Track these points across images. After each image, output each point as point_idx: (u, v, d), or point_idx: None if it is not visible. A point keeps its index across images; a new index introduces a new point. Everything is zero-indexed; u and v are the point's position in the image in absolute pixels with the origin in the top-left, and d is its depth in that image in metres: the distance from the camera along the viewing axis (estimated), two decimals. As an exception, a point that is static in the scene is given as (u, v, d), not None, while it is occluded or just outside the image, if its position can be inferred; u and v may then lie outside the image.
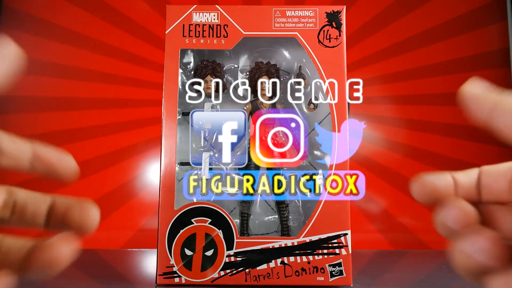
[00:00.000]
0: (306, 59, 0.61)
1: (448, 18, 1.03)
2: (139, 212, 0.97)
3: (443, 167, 0.32)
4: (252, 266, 0.55)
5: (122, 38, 1.02)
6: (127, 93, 1.01)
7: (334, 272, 0.55)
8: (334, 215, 0.55)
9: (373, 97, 1.01)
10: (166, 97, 0.58)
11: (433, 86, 1.01)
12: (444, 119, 1.00)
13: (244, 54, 0.63)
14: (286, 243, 0.55)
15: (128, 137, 0.99)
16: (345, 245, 0.55)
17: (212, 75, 0.61)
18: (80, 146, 0.98)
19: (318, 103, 0.61)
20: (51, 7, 1.01)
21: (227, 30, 0.59)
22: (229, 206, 0.60)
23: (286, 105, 0.63)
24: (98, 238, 0.94)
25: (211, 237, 0.55)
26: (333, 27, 0.59)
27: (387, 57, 1.02)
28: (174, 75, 0.58)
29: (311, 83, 0.62)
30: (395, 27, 1.03)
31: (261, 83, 0.61)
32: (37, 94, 0.99)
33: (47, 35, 1.00)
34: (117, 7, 1.03)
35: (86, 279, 0.61)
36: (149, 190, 0.98)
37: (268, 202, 0.62)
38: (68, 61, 1.00)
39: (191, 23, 0.59)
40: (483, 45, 1.02)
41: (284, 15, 0.59)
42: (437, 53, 1.02)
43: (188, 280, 0.54)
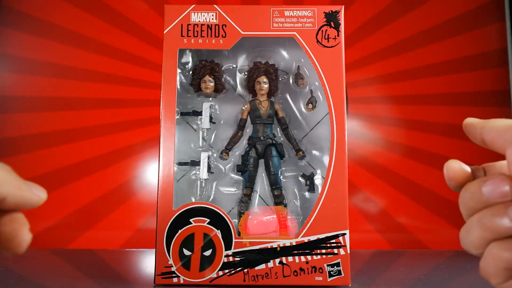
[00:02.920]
0: (304, 59, 0.61)
1: (446, 18, 1.03)
2: (138, 212, 0.96)
3: (442, 168, 0.33)
4: (250, 266, 0.55)
5: (120, 38, 1.02)
6: (125, 93, 1.01)
7: (333, 272, 0.55)
8: (333, 215, 0.55)
9: (371, 97, 1.01)
10: (164, 97, 0.58)
11: (431, 86, 1.01)
12: (442, 119, 1.00)
13: (243, 54, 0.63)
14: (284, 243, 0.55)
15: (126, 137, 0.99)
16: (343, 245, 0.55)
17: (211, 75, 0.61)
18: (78, 146, 0.98)
19: (316, 103, 0.61)
20: (50, 7, 1.01)
21: (226, 30, 0.59)
22: (228, 206, 0.60)
23: (285, 105, 0.63)
24: (97, 238, 0.94)
25: (210, 237, 0.55)
26: (332, 27, 0.59)
27: (385, 57, 1.03)
28: (173, 75, 0.58)
29: (309, 83, 0.62)
30: (393, 27, 1.03)
31: (259, 83, 0.61)
32: (35, 94, 0.99)
33: (46, 35, 1.00)
34: (116, 7, 1.02)
35: (85, 279, 0.61)
36: (147, 190, 0.98)
37: (267, 202, 0.62)
38: (67, 61, 1.00)
39: (190, 23, 0.59)
40: (481, 45, 1.02)
41: (282, 15, 0.59)
42: (436, 53, 1.02)
43: (186, 280, 0.54)
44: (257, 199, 0.62)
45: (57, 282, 0.60)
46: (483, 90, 1.01)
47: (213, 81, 0.61)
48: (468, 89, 1.01)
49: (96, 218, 0.96)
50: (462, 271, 0.68)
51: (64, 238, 0.94)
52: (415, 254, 0.86)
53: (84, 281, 0.60)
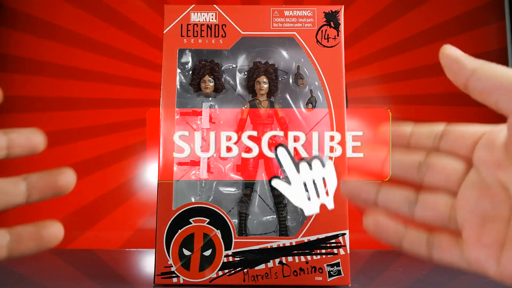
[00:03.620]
0: (304, 59, 0.61)
1: (446, 18, 1.03)
2: (137, 212, 0.96)
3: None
4: (250, 266, 0.55)
5: (120, 38, 1.02)
6: (125, 93, 1.01)
7: (332, 272, 0.55)
8: (332, 215, 0.55)
9: (371, 97, 1.01)
10: (164, 97, 0.58)
11: (431, 86, 1.01)
12: (442, 119, 1.00)
13: (242, 54, 0.63)
14: (284, 243, 0.55)
15: (126, 137, 0.99)
16: (343, 245, 0.55)
17: (210, 75, 0.61)
18: (78, 146, 0.98)
19: (316, 103, 0.61)
20: (50, 7, 1.01)
21: (225, 30, 0.59)
22: (228, 206, 0.60)
23: (285, 105, 0.63)
24: (97, 238, 0.94)
25: (209, 237, 0.55)
26: (331, 27, 0.59)
27: (385, 57, 1.03)
28: (172, 75, 0.58)
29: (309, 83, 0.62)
30: (393, 27, 1.03)
31: (259, 82, 0.61)
32: (35, 94, 0.99)
33: (46, 35, 1.00)
34: (115, 7, 1.02)
35: (84, 279, 0.61)
36: (147, 190, 0.98)
37: (266, 202, 0.62)
38: (67, 61, 1.00)
39: (189, 23, 0.59)
40: (481, 45, 1.02)
41: (282, 15, 0.59)
42: (436, 53, 1.01)
43: (186, 280, 0.54)
44: (257, 199, 0.62)
45: (57, 282, 0.60)
46: (483, 90, 1.01)
47: (213, 81, 0.61)
48: (468, 89, 1.01)
49: (96, 218, 0.96)
50: (462, 271, 0.67)
51: (64, 238, 0.94)
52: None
53: (84, 281, 0.60)
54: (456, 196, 0.29)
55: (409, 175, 0.31)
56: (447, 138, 0.30)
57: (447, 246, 0.29)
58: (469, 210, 0.28)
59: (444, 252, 0.29)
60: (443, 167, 0.29)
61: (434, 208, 0.29)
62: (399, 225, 0.31)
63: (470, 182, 0.28)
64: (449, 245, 0.29)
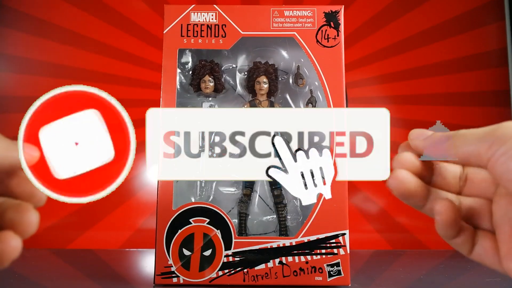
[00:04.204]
0: (304, 59, 0.61)
1: (446, 18, 1.03)
2: (137, 212, 0.96)
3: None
4: (250, 266, 0.55)
5: (120, 38, 1.02)
6: (125, 93, 1.01)
7: (332, 272, 0.55)
8: (332, 215, 0.55)
9: (371, 97, 1.01)
10: (164, 97, 0.58)
11: (431, 86, 1.01)
12: (442, 119, 1.00)
13: (242, 54, 0.63)
14: (284, 243, 0.55)
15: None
16: (343, 245, 0.55)
17: (210, 75, 0.61)
18: (78, 146, 0.98)
19: (316, 103, 0.61)
20: (50, 7, 1.01)
21: (225, 30, 0.59)
22: (227, 206, 0.60)
23: (285, 105, 0.63)
24: (96, 238, 0.94)
25: (209, 237, 0.55)
26: (331, 27, 0.59)
27: (385, 57, 1.02)
28: (172, 75, 0.58)
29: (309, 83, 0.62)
30: (393, 27, 1.03)
31: (259, 83, 0.61)
32: (35, 94, 0.99)
33: (46, 35, 1.00)
34: (115, 7, 1.02)
35: (84, 279, 0.61)
36: (147, 190, 0.98)
37: (266, 202, 0.62)
38: (67, 61, 1.00)
39: (189, 23, 0.59)
40: (481, 45, 1.02)
41: (282, 15, 0.59)
42: (436, 53, 1.02)
43: (186, 280, 0.54)
44: (257, 199, 0.62)
45: (57, 282, 0.60)
46: (483, 90, 1.01)
47: (213, 81, 0.61)
48: (468, 89, 1.01)
49: (96, 218, 0.96)
50: (462, 271, 0.68)
51: (64, 238, 0.94)
52: (415, 254, 0.86)
53: (84, 281, 0.60)
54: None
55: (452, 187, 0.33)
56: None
57: (489, 250, 0.30)
58: (500, 216, 0.29)
59: (485, 255, 0.30)
60: (481, 180, 0.31)
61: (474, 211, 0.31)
62: (423, 184, 0.31)
63: (501, 190, 0.30)
64: (491, 250, 0.29)
